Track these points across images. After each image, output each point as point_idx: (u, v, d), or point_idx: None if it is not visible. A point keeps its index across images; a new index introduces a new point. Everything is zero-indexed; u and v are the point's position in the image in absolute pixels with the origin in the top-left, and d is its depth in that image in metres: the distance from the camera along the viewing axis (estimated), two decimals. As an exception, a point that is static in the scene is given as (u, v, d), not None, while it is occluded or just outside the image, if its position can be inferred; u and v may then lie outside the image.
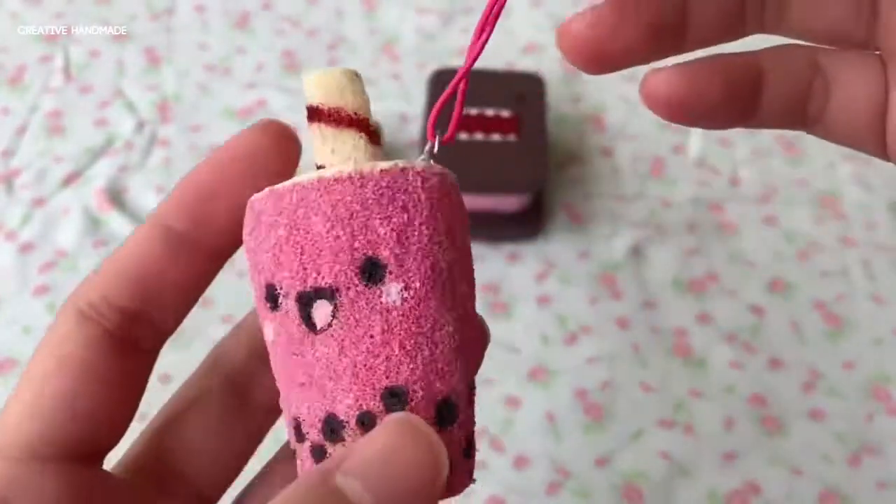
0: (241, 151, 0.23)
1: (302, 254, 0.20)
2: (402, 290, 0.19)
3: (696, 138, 0.60)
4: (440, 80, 0.58)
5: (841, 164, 0.58)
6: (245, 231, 0.21)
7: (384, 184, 0.20)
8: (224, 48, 0.65)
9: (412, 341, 0.19)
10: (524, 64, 0.64)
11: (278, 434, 0.26)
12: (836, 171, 0.58)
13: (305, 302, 0.20)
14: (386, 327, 0.19)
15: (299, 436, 0.21)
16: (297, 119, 0.60)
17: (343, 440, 0.19)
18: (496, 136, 0.54)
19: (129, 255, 0.23)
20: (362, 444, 0.18)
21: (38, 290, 0.51)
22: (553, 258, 0.53)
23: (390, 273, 0.19)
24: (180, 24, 0.67)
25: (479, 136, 0.54)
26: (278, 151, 0.23)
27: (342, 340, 0.19)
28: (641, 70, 0.26)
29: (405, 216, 0.20)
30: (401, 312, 0.19)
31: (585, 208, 0.56)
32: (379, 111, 0.61)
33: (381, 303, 0.19)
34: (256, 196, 0.21)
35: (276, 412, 0.24)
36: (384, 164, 0.20)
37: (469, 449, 0.21)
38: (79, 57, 0.64)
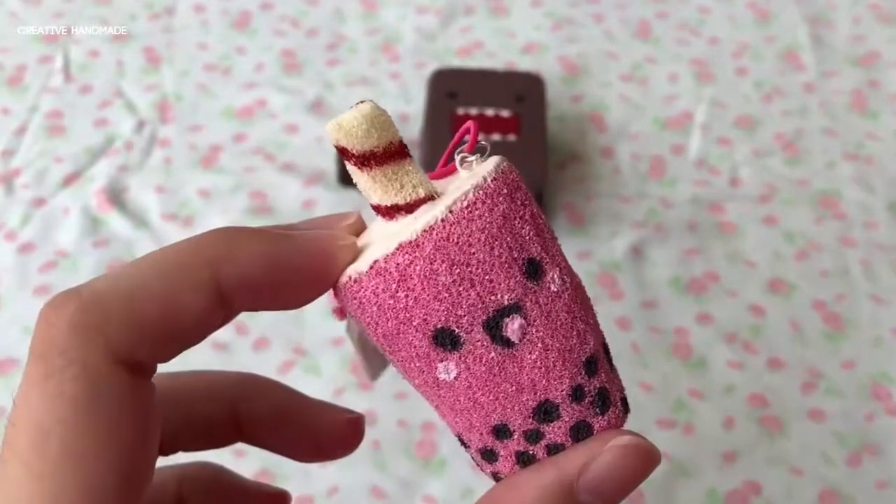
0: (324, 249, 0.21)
1: (474, 286, 0.20)
2: (559, 275, 0.21)
3: (696, 138, 0.60)
4: (440, 79, 0.58)
5: (841, 164, 0.58)
6: (365, 304, 0.21)
7: (504, 191, 0.21)
8: (224, 48, 0.65)
9: (583, 310, 0.22)
10: (524, 64, 0.64)
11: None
12: (836, 171, 0.58)
13: (493, 326, 0.21)
14: (567, 309, 0.21)
15: (504, 435, 0.22)
16: (296, 119, 0.60)
17: (560, 417, 0.21)
18: (496, 136, 0.54)
19: (167, 304, 0.20)
20: (599, 464, 0.21)
21: (39, 290, 0.51)
22: (553, 258, 0.53)
23: (546, 264, 0.21)
24: (180, 24, 0.67)
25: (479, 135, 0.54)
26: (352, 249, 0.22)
27: (544, 340, 0.21)
28: (642, 70, 0.26)
29: (528, 210, 0.21)
30: (569, 292, 0.21)
31: (586, 208, 0.56)
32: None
33: (553, 293, 0.21)
34: (355, 273, 0.21)
35: None
36: (489, 175, 0.21)
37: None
38: (79, 57, 0.64)
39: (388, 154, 0.21)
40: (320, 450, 0.27)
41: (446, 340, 0.21)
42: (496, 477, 0.22)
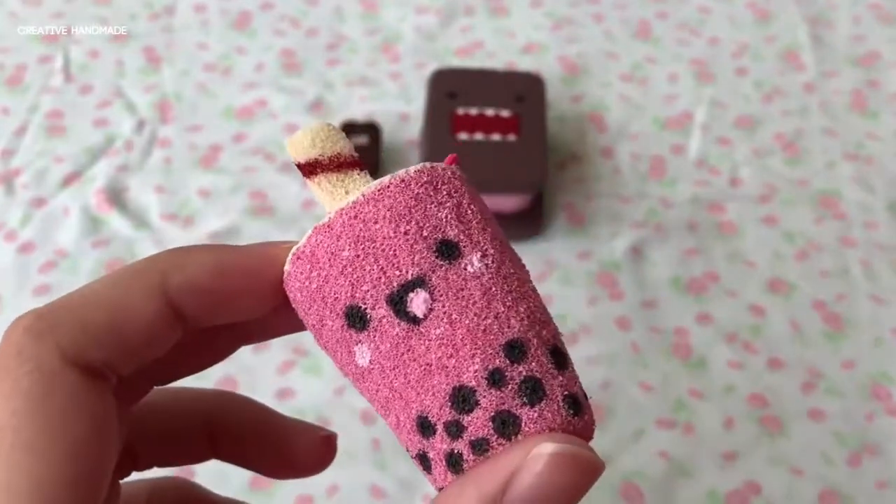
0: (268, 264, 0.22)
1: (377, 260, 0.21)
2: (482, 258, 0.21)
3: (696, 138, 0.60)
4: (440, 79, 0.58)
5: (841, 164, 0.58)
6: (295, 294, 0.22)
7: (424, 179, 0.22)
8: (224, 48, 0.65)
9: (510, 297, 0.21)
10: (524, 64, 0.64)
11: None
12: (836, 171, 0.58)
13: (397, 301, 0.21)
14: (483, 290, 0.21)
15: (428, 431, 0.21)
16: (296, 119, 0.60)
17: (478, 404, 0.20)
18: (496, 136, 0.54)
19: (128, 316, 0.21)
20: (523, 479, 0.18)
21: (38, 290, 0.51)
22: (553, 258, 0.53)
23: (464, 247, 0.21)
24: (180, 24, 0.67)
25: (479, 136, 0.54)
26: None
27: (450, 315, 0.20)
28: (642, 70, 0.26)
29: (452, 200, 0.21)
30: (489, 276, 0.21)
31: (586, 208, 0.56)
32: (379, 111, 0.61)
33: (469, 273, 0.21)
34: (287, 265, 0.22)
35: None
36: (413, 168, 0.22)
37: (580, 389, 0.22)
38: (79, 57, 0.64)
39: (335, 164, 0.23)
40: (293, 467, 0.27)
41: (356, 320, 0.21)
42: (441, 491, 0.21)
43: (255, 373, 0.48)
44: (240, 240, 0.53)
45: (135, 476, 0.26)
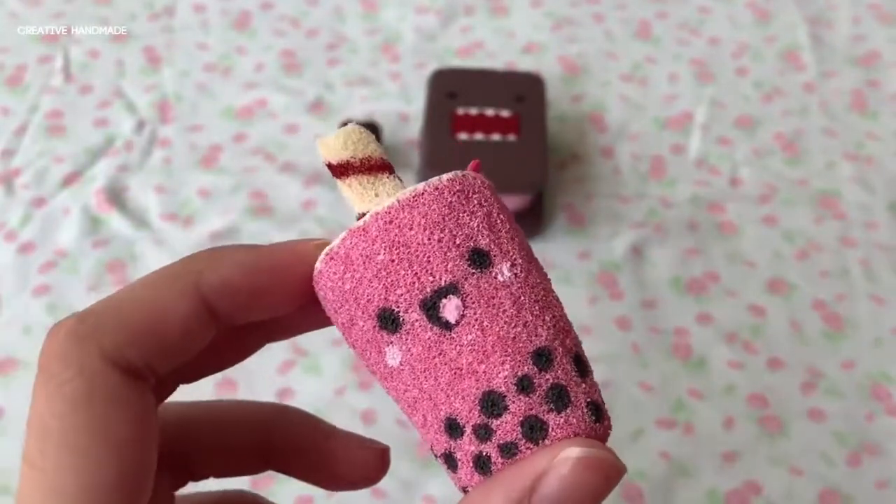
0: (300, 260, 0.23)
1: (412, 266, 0.21)
2: (511, 267, 0.22)
3: (696, 138, 0.60)
4: (440, 79, 0.58)
5: (841, 164, 0.58)
6: (326, 293, 0.22)
7: (457, 188, 0.22)
8: (224, 48, 0.65)
9: (538, 306, 0.22)
10: (524, 64, 0.64)
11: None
12: (836, 171, 0.58)
13: (430, 306, 0.21)
14: (513, 299, 0.21)
15: (455, 432, 0.21)
16: (296, 119, 0.60)
17: (507, 409, 0.21)
18: (496, 136, 0.54)
19: (163, 317, 0.21)
20: (550, 480, 0.19)
21: (38, 290, 0.51)
22: (553, 258, 0.53)
23: (495, 256, 0.22)
24: (180, 24, 0.67)
25: (479, 136, 0.54)
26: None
27: (482, 322, 0.21)
28: (642, 70, 0.26)
29: (483, 209, 0.22)
30: (518, 285, 0.22)
31: (586, 208, 0.56)
32: (379, 111, 0.61)
33: (499, 282, 0.21)
34: (319, 264, 0.22)
35: None
36: (446, 176, 0.22)
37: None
38: (79, 57, 0.64)
39: (366, 166, 0.23)
40: (347, 480, 0.28)
41: (388, 322, 0.21)
42: (465, 492, 0.22)
43: (255, 373, 0.48)
44: (240, 239, 0.53)
45: (195, 487, 0.27)
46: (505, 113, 0.55)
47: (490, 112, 0.55)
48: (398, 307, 0.21)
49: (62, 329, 0.20)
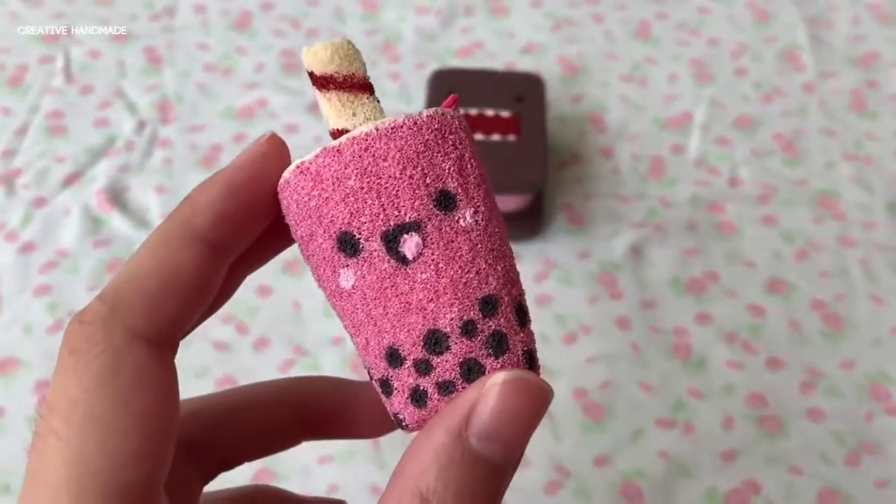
0: (253, 160, 0.24)
1: (380, 196, 0.22)
2: (473, 214, 0.22)
3: (696, 138, 0.60)
4: (440, 79, 0.58)
5: (840, 164, 0.58)
6: (290, 203, 0.23)
7: (435, 126, 0.22)
8: (224, 48, 0.65)
9: (492, 255, 0.22)
10: (524, 64, 0.64)
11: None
12: (836, 171, 0.58)
13: (391, 239, 0.22)
14: (471, 246, 0.22)
15: (395, 362, 0.22)
16: (296, 119, 0.60)
17: (449, 349, 0.22)
18: (496, 136, 0.54)
19: (171, 273, 0.22)
20: (483, 407, 0.21)
21: (39, 290, 0.51)
22: (553, 258, 0.53)
23: (460, 201, 0.22)
24: (180, 24, 0.67)
25: (479, 136, 0.54)
26: (280, 157, 0.24)
27: (437, 263, 0.22)
28: (642, 70, 0.26)
29: (457, 152, 0.23)
30: (478, 232, 0.22)
31: (585, 208, 0.56)
32: (379, 111, 0.61)
33: (460, 226, 0.22)
34: (287, 174, 0.23)
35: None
36: (425, 112, 0.22)
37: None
38: (79, 57, 0.64)
39: (348, 83, 0.23)
40: (381, 428, 0.29)
41: (348, 245, 0.22)
42: (397, 419, 0.23)
43: (255, 372, 0.48)
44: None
45: (218, 484, 0.27)
46: (505, 113, 0.55)
47: (490, 112, 0.55)
48: (359, 234, 0.22)
49: (86, 313, 0.21)
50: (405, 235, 0.22)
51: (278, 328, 0.50)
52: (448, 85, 0.57)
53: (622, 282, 0.52)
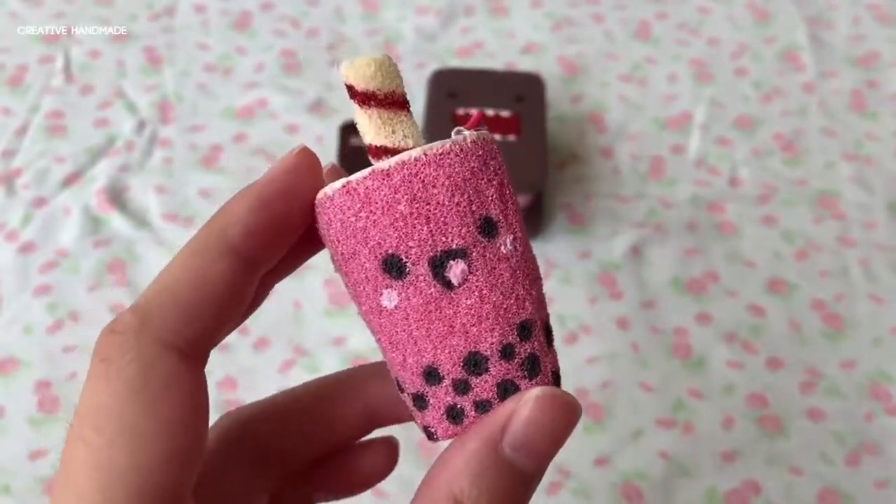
0: (296, 168, 0.24)
1: (428, 222, 0.22)
2: (513, 241, 0.23)
3: (696, 138, 0.60)
4: (440, 79, 0.58)
5: (840, 164, 0.58)
6: (333, 221, 0.23)
7: (480, 152, 0.23)
8: (224, 48, 0.65)
9: (528, 280, 0.23)
10: (524, 64, 0.64)
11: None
12: (836, 171, 0.58)
13: (438, 264, 0.22)
14: (511, 272, 0.23)
15: (433, 380, 0.23)
16: (296, 119, 0.60)
17: (488, 370, 0.23)
18: (496, 137, 0.54)
19: (202, 286, 0.22)
20: (518, 418, 0.22)
21: (39, 290, 0.51)
22: (553, 258, 0.53)
23: (501, 227, 0.23)
24: (180, 24, 0.67)
25: (479, 136, 0.54)
26: (311, 170, 0.24)
27: (481, 290, 0.22)
28: (642, 70, 0.26)
29: (497, 179, 0.23)
30: (516, 259, 0.23)
31: (585, 208, 0.56)
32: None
33: (501, 253, 0.23)
34: (331, 191, 0.23)
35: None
36: (469, 137, 0.23)
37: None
38: (79, 57, 0.64)
39: (388, 100, 0.23)
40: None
41: (393, 268, 0.22)
42: (427, 431, 0.24)
43: (255, 373, 0.48)
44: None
45: None
46: (505, 113, 0.55)
47: (490, 112, 0.55)
48: (407, 258, 0.22)
49: (119, 323, 0.22)
50: (452, 262, 0.22)
51: (278, 328, 0.50)
52: (448, 85, 0.57)
53: (622, 282, 0.52)
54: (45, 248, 0.53)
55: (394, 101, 0.23)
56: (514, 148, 0.53)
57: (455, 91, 0.57)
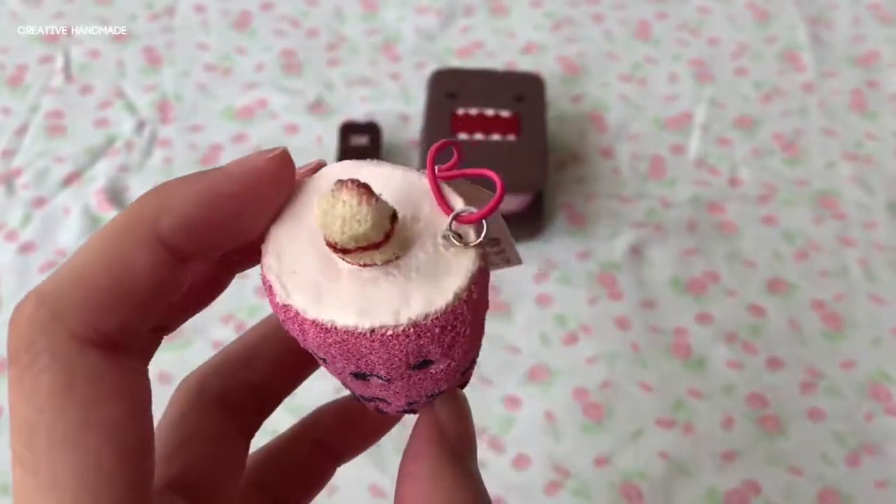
0: (252, 174, 0.21)
1: (358, 362, 0.21)
2: (446, 365, 0.22)
3: (696, 138, 0.60)
4: (440, 79, 0.58)
5: (840, 163, 0.58)
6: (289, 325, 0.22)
7: (438, 329, 0.20)
8: (224, 48, 0.65)
9: (444, 382, 0.23)
10: (524, 64, 0.64)
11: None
12: (836, 171, 0.58)
13: (360, 376, 0.22)
14: (433, 382, 0.23)
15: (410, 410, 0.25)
16: (296, 119, 0.60)
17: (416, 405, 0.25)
18: (496, 136, 0.54)
19: (133, 277, 0.19)
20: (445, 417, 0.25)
21: (39, 290, 0.51)
22: (553, 258, 0.53)
23: (437, 360, 0.22)
24: (180, 24, 0.67)
25: (479, 136, 0.54)
26: (282, 177, 0.21)
27: (398, 389, 0.23)
28: (642, 70, 0.26)
29: (453, 335, 0.21)
30: (443, 374, 0.22)
31: (585, 208, 0.56)
32: (379, 111, 0.61)
33: (430, 374, 0.22)
34: (280, 300, 0.21)
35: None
36: (438, 307, 0.20)
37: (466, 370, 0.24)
38: (79, 57, 0.64)
39: (363, 248, 0.20)
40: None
41: (359, 376, 0.22)
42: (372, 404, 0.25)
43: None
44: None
45: None
46: (505, 113, 0.55)
47: (490, 112, 0.55)
48: (330, 365, 0.22)
49: (23, 315, 0.19)
50: (371, 378, 0.22)
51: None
52: (448, 85, 0.57)
53: (622, 282, 0.52)
54: (45, 248, 0.53)
55: (368, 248, 0.20)
56: (514, 148, 0.53)
57: (455, 91, 0.56)
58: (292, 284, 0.21)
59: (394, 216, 0.20)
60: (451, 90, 0.57)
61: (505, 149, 0.53)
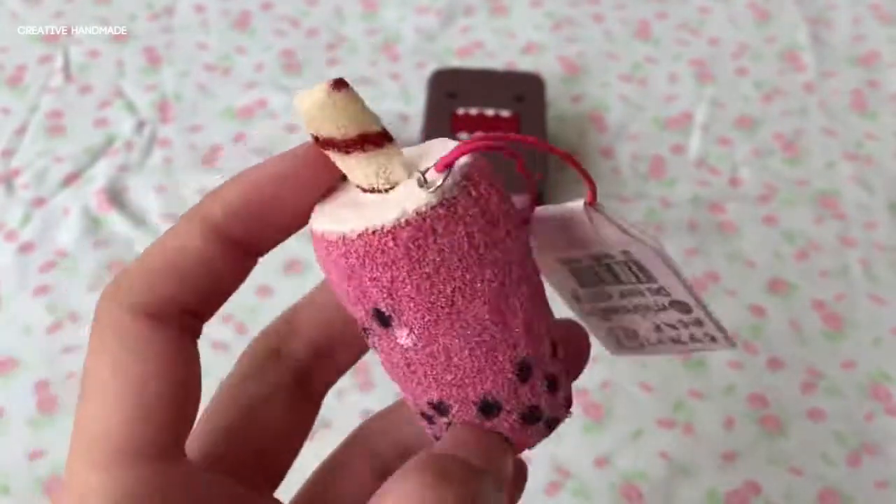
0: (299, 165, 0.23)
1: (342, 297, 0.22)
2: (409, 335, 0.21)
3: (696, 138, 0.60)
4: (440, 79, 0.58)
5: (841, 163, 0.58)
6: (330, 266, 0.22)
7: (362, 251, 0.20)
8: (224, 48, 0.65)
9: (434, 373, 0.21)
10: (524, 64, 0.64)
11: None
12: (836, 171, 0.58)
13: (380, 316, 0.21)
14: (407, 364, 0.21)
15: (443, 413, 0.22)
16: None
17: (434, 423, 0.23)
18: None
19: (183, 256, 0.23)
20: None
21: (38, 290, 0.51)
22: (553, 258, 0.53)
23: (394, 321, 0.21)
24: (180, 24, 0.67)
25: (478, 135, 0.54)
26: (318, 161, 0.23)
27: (385, 364, 0.22)
28: (642, 70, 0.26)
29: (389, 274, 0.20)
30: (416, 352, 0.21)
31: (585, 208, 0.56)
32: (378, 111, 0.61)
33: (399, 345, 0.21)
34: (318, 227, 0.22)
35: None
36: (363, 227, 0.20)
37: (536, 413, 0.24)
38: (79, 57, 0.64)
39: (352, 143, 0.21)
40: None
41: (381, 318, 0.21)
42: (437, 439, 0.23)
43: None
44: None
45: None
46: (505, 113, 0.55)
47: (490, 112, 0.55)
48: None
49: (105, 288, 0.23)
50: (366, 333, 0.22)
51: (278, 328, 0.50)
52: (448, 85, 0.57)
53: (622, 282, 0.52)
54: (45, 248, 0.53)
55: (363, 143, 0.21)
56: (513, 148, 0.53)
57: (455, 91, 0.56)
58: (319, 216, 0.22)
59: (385, 131, 0.22)
60: (451, 90, 0.57)
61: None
